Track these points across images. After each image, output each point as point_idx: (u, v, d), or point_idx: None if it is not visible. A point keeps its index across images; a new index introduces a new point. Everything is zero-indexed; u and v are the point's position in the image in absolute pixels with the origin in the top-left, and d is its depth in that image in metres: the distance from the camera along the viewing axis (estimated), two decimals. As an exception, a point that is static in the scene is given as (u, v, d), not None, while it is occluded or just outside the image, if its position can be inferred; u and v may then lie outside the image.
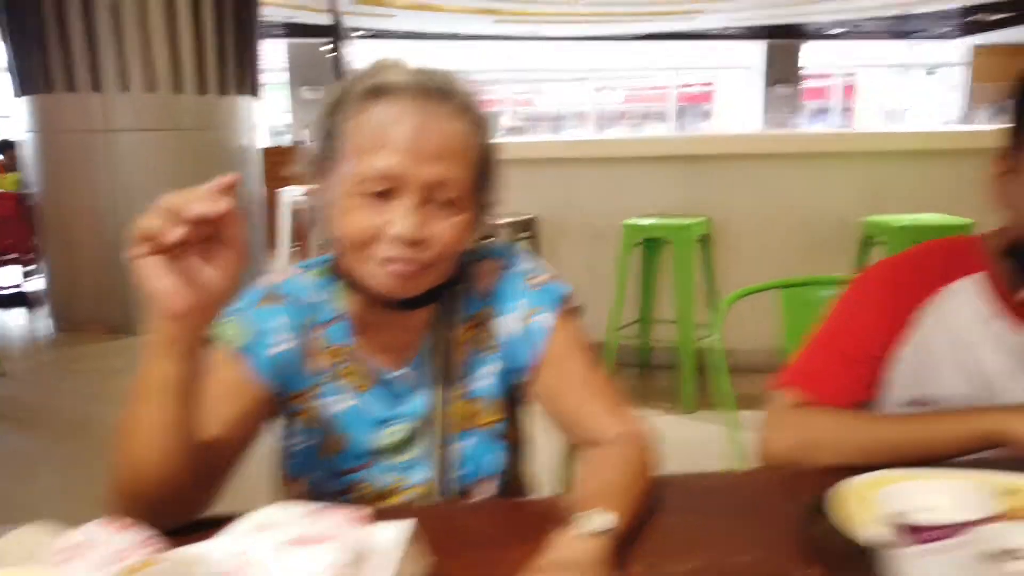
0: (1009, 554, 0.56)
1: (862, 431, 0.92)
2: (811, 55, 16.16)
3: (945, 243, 1.06)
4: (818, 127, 15.37)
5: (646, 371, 3.95)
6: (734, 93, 17.15)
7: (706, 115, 18.70)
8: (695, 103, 19.00)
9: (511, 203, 3.88)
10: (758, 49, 15.50)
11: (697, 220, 3.49)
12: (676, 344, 3.40)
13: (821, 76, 18.42)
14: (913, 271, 1.03)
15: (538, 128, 18.41)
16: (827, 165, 3.76)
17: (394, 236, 0.82)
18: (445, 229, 0.85)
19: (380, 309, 0.91)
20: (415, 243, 0.83)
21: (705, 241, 3.63)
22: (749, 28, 14.12)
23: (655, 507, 0.80)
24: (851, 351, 1.01)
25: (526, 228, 3.81)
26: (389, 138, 0.82)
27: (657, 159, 3.91)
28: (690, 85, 18.67)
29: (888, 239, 3.16)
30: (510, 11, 10.55)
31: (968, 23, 12.97)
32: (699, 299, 3.46)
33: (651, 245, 3.69)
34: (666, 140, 4.27)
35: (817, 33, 14.90)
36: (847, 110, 18.17)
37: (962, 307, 1.01)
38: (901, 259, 1.06)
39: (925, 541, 0.59)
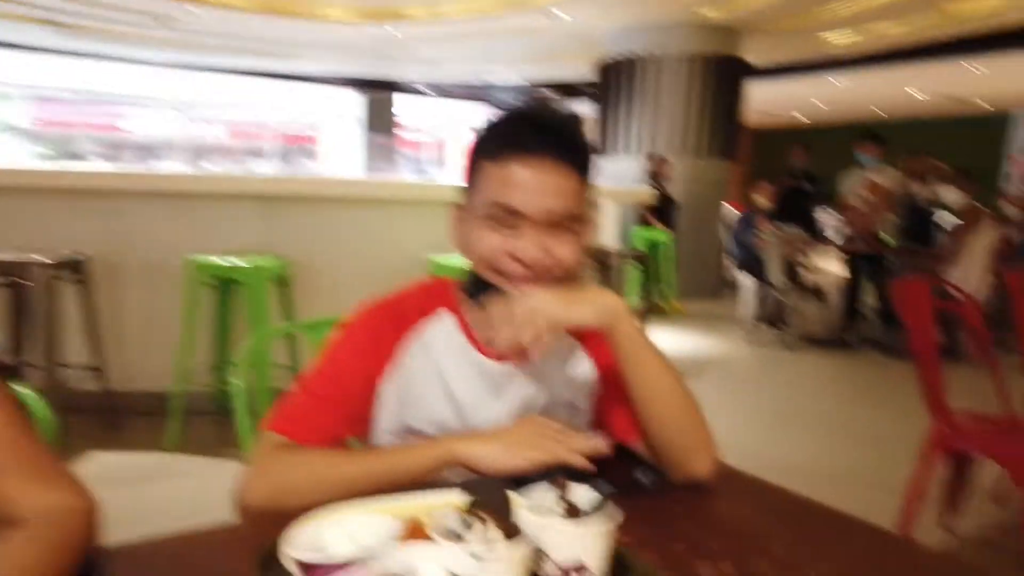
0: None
1: (334, 470, 0.93)
2: (408, 108, 17.30)
3: (424, 282, 1.16)
4: (411, 176, 16.44)
5: (222, 418, 3.73)
6: (337, 138, 17.54)
7: (312, 156, 18.79)
8: (301, 144, 18.98)
9: (51, 240, 3.41)
10: (357, 97, 16.13)
11: (272, 260, 3.43)
12: (252, 388, 3.27)
13: (417, 129, 19.86)
14: (392, 310, 1.10)
15: (124, 157, 16.65)
16: (404, 210, 4.01)
17: None
18: None
19: None
20: None
21: (282, 281, 3.59)
22: (345, 77, 14.61)
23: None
24: (332, 391, 1.03)
25: (74, 268, 3.34)
26: None
27: (231, 197, 3.77)
28: (295, 125, 18.60)
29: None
30: (75, 25, 9.38)
31: (543, 96, 15.18)
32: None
33: (224, 286, 3.53)
34: (238, 179, 4.15)
35: (408, 89, 16.02)
36: (441, 162, 19.82)
37: (438, 340, 1.10)
38: (382, 300, 1.12)
39: (318, 579, 0.60)
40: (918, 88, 12.41)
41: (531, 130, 1.00)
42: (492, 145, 1.02)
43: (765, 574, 0.77)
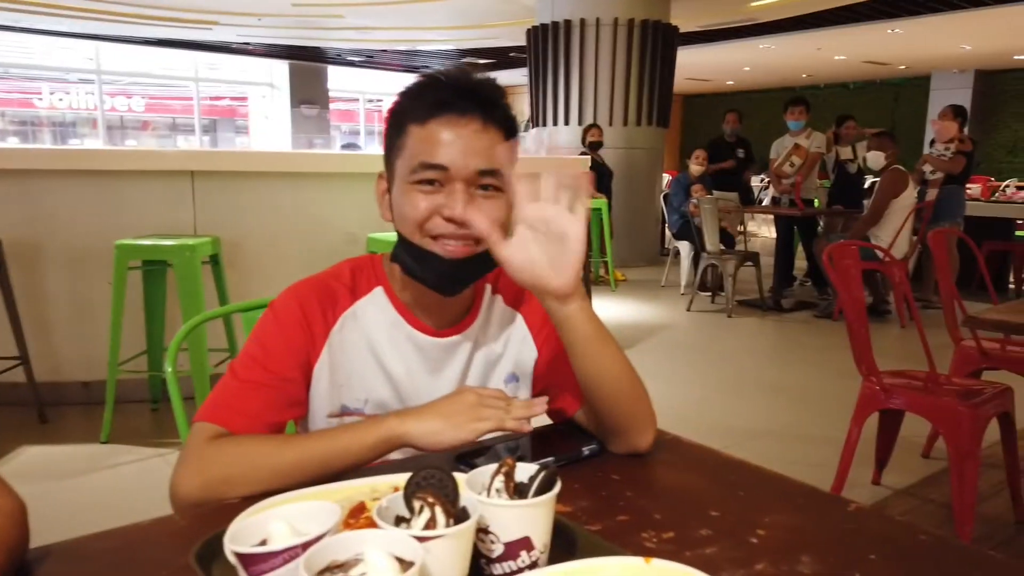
0: (339, 568, 0.58)
1: (271, 457, 0.91)
2: (340, 78, 16.92)
3: (354, 260, 1.13)
4: (344, 148, 16.12)
5: (160, 406, 3.63)
6: (265, 110, 17.05)
7: (239, 130, 18.25)
8: (227, 117, 18.39)
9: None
10: (284, 68, 15.68)
11: (203, 240, 3.32)
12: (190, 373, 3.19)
13: (350, 100, 19.45)
14: (321, 288, 1.07)
15: (39, 134, 15.90)
16: (339, 184, 3.92)
17: None
18: None
19: None
20: None
21: (214, 261, 3.49)
22: (270, 46, 14.16)
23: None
24: (264, 376, 1.00)
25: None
26: None
27: (156, 174, 3.63)
28: (220, 99, 18.00)
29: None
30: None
31: (464, 64, 14.97)
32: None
33: (154, 268, 3.42)
34: (163, 154, 3.98)
35: (338, 59, 15.64)
36: (375, 133, 19.47)
37: (370, 316, 1.08)
38: (310, 279, 1.09)
39: (258, 573, 0.59)
40: (840, 51, 12.71)
41: (456, 92, 1.00)
42: (417, 108, 1.01)
43: (706, 540, 0.78)
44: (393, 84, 17.76)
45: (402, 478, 0.68)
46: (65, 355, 3.63)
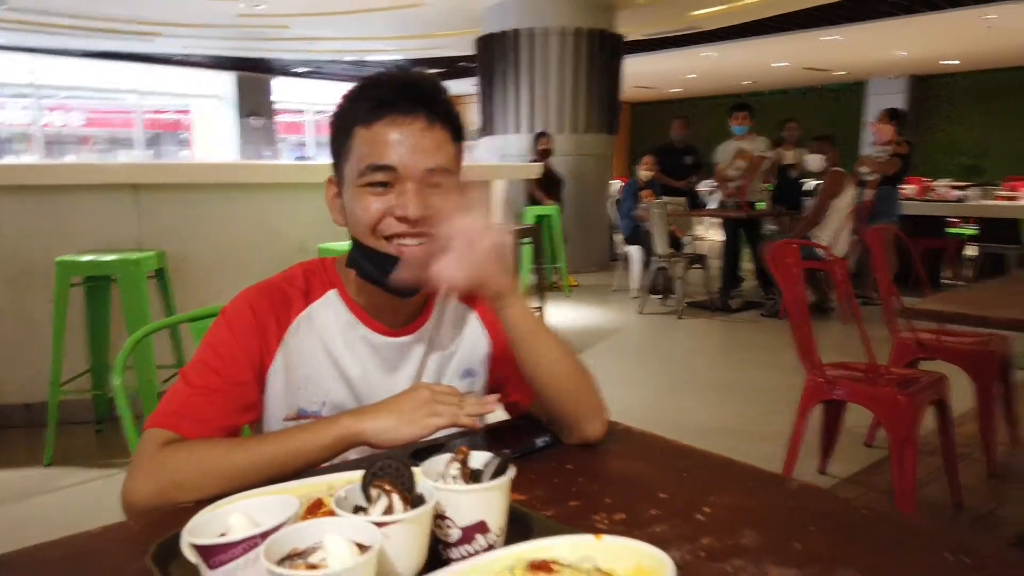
0: (299, 555, 0.59)
1: (224, 460, 0.90)
2: (286, 90, 16.72)
3: (305, 264, 1.14)
4: (291, 160, 15.92)
5: (103, 427, 3.54)
6: (210, 122, 16.73)
7: (182, 143, 17.87)
8: (170, 130, 17.99)
9: None
10: (229, 79, 15.44)
11: (148, 254, 3.26)
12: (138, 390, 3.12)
13: (295, 112, 19.21)
14: (274, 292, 1.07)
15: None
16: (287, 195, 3.89)
17: None
18: None
19: None
20: None
21: (160, 276, 3.43)
22: (214, 57, 13.94)
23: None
24: (216, 381, 1.00)
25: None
26: None
27: (97, 188, 3.56)
28: (163, 112, 17.59)
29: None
30: None
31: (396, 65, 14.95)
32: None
33: (97, 284, 3.34)
34: (105, 168, 3.89)
35: (284, 70, 15.47)
36: (324, 145, 19.25)
37: (324, 319, 1.09)
38: (262, 283, 1.09)
39: (217, 564, 0.60)
40: (781, 58, 13.05)
41: (398, 90, 1.01)
42: (361, 110, 1.01)
43: (655, 520, 0.81)
44: (341, 95, 17.57)
45: (359, 475, 0.70)
46: (5, 376, 3.52)
